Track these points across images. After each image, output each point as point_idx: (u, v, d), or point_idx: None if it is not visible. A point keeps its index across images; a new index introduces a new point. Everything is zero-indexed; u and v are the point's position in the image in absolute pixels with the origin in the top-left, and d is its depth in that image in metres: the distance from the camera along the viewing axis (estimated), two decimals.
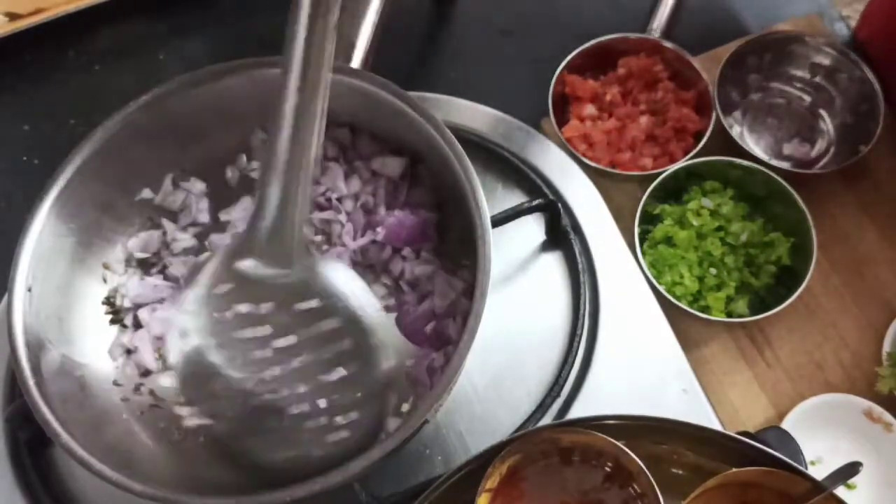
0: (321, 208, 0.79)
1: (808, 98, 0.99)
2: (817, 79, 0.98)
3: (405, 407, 0.67)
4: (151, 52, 1.05)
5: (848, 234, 0.92)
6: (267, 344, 0.64)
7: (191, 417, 0.70)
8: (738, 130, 0.97)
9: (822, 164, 0.95)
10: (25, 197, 0.72)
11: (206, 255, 0.72)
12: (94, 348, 0.74)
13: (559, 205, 0.78)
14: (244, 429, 0.65)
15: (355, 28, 0.77)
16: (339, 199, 0.78)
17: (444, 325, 0.73)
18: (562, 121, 0.95)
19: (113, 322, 0.76)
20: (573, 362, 0.76)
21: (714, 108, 0.93)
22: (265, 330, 0.64)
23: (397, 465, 0.73)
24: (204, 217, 0.79)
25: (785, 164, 0.94)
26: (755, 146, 0.97)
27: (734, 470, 0.61)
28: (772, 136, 0.99)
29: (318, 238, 0.78)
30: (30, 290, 0.69)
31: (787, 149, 0.97)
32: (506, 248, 0.80)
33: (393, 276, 0.76)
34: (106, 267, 0.74)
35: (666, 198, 0.92)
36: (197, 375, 0.66)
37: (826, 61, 0.97)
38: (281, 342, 0.63)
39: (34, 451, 0.75)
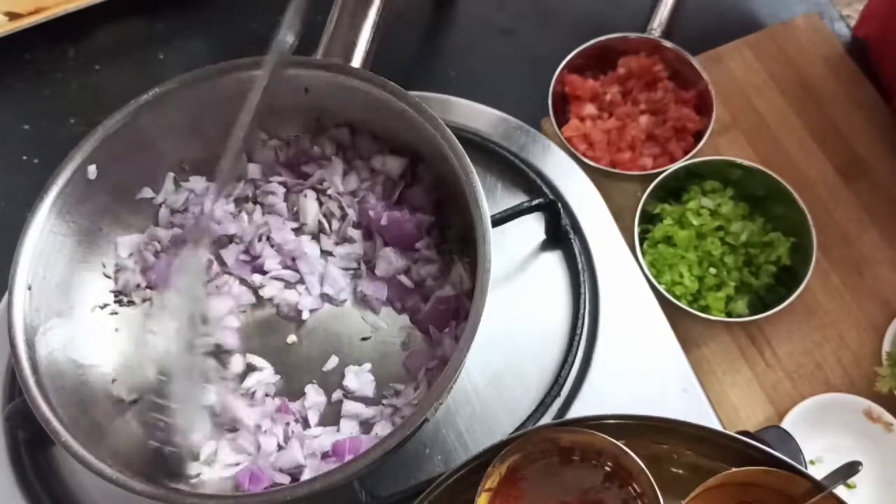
0: (318, 202, 0.79)
1: None
2: None
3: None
4: (151, 52, 1.05)
5: (848, 234, 0.92)
6: None
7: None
8: None
9: None
10: (26, 196, 0.72)
11: None
12: (94, 347, 0.74)
13: (559, 205, 0.78)
14: None
15: (355, 28, 0.77)
16: (339, 195, 0.79)
17: (444, 324, 0.73)
18: (562, 121, 0.95)
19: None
20: (573, 362, 0.76)
21: (713, 108, 0.93)
22: None
23: (397, 465, 0.73)
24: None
25: None
26: None
27: (734, 469, 0.61)
28: None
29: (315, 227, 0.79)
30: (30, 288, 0.69)
31: None
32: (506, 248, 0.80)
33: (395, 276, 0.77)
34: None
35: (666, 197, 0.92)
36: None
37: None
38: None
39: (34, 451, 0.75)
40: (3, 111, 1.03)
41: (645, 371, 0.77)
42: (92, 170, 0.73)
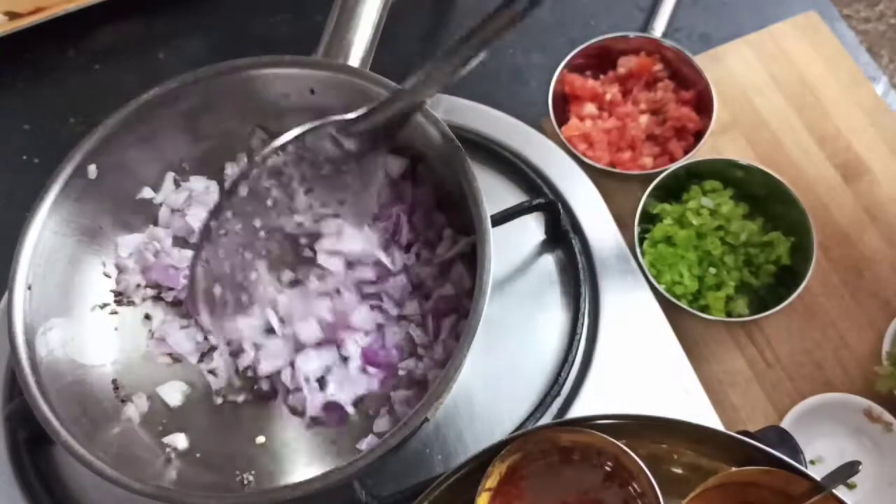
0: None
1: None
2: None
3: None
4: (151, 52, 1.05)
5: (848, 234, 0.92)
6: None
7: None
8: None
9: None
10: (25, 196, 0.72)
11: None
12: (95, 347, 0.74)
13: (559, 204, 0.78)
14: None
15: (355, 28, 0.77)
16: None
17: (445, 324, 0.73)
18: (562, 120, 0.95)
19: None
20: (573, 362, 0.76)
21: (714, 108, 0.93)
22: None
23: (397, 465, 0.73)
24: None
25: None
26: None
27: (734, 469, 0.61)
28: None
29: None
30: (30, 288, 0.69)
31: None
32: (506, 248, 0.80)
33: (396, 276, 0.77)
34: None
35: (666, 197, 0.92)
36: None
37: None
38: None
39: (34, 450, 0.75)
40: (3, 111, 1.03)
41: (645, 371, 0.77)
42: (92, 169, 0.73)
